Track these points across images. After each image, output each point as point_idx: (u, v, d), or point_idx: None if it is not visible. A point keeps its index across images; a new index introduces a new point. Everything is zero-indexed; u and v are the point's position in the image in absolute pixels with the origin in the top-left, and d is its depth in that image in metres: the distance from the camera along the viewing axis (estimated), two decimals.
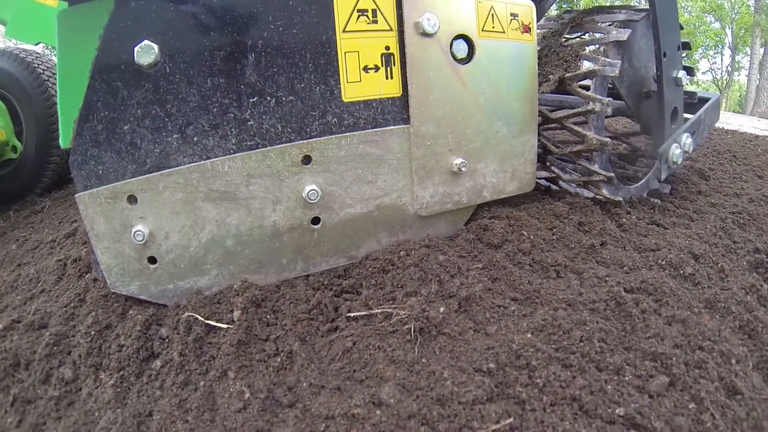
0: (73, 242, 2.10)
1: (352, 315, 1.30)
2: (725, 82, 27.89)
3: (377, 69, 1.50)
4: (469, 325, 1.22)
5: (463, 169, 1.63)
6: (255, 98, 1.38)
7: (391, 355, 1.12)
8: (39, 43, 3.09)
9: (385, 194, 1.58)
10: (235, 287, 1.41)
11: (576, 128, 1.90)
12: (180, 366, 1.21)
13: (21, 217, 2.82)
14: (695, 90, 2.59)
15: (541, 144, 2.07)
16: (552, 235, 1.67)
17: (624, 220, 1.87)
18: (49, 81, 3.05)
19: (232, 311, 1.32)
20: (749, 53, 23.07)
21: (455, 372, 1.03)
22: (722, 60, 28.88)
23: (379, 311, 1.28)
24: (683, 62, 2.07)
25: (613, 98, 2.13)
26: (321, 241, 1.53)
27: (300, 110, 1.42)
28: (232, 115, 1.37)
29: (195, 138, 1.35)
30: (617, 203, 1.97)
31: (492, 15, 1.62)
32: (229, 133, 1.37)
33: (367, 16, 1.46)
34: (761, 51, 21.10)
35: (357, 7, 1.44)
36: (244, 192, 1.40)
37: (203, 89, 1.33)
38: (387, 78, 1.51)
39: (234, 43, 1.33)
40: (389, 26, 1.49)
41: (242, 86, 1.36)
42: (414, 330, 1.17)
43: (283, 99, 1.40)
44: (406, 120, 1.55)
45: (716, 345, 1.15)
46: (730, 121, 5.69)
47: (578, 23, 2.04)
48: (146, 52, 1.25)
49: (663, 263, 1.53)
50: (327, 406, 0.99)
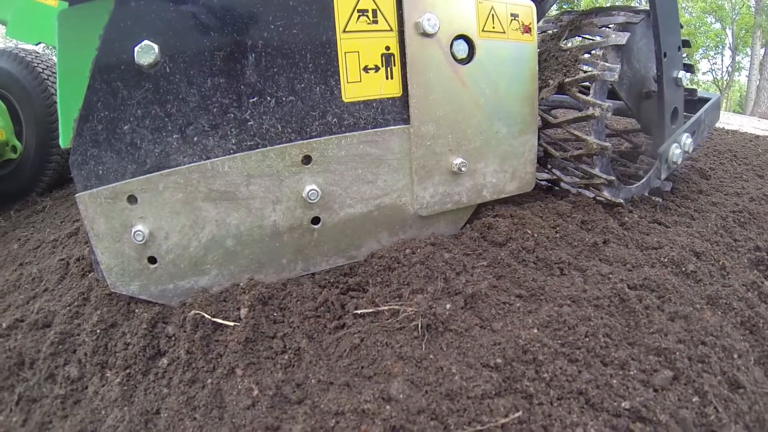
0: (76, 241, 2.10)
1: (359, 312, 1.31)
2: (725, 83, 27.88)
3: (377, 69, 1.49)
4: (476, 322, 1.23)
5: (463, 169, 1.63)
6: (255, 98, 1.38)
7: (399, 352, 1.13)
8: (39, 43, 3.09)
9: (385, 194, 1.57)
10: (242, 285, 1.41)
11: (577, 133, 1.89)
12: (187, 364, 1.21)
13: (22, 217, 2.82)
14: (695, 89, 2.59)
15: (542, 148, 2.07)
16: (555, 234, 1.68)
17: (626, 219, 1.88)
18: (49, 80, 3.05)
19: (239, 309, 1.32)
20: (749, 54, 23.06)
21: (463, 367, 1.05)
22: (722, 60, 28.91)
23: (386, 308, 1.29)
24: (683, 60, 2.07)
25: (614, 98, 2.13)
26: (321, 241, 1.53)
27: (300, 110, 1.42)
28: (232, 115, 1.37)
29: (195, 138, 1.35)
30: (618, 205, 1.97)
31: (492, 15, 1.62)
32: (229, 133, 1.37)
33: (368, 17, 1.46)
34: (762, 51, 21.10)
35: (357, 8, 1.44)
36: (244, 192, 1.40)
37: (203, 89, 1.33)
38: (387, 78, 1.51)
39: (234, 43, 1.33)
40: (389, 26, 1.49)
41: (242, 86, 1.36)
42: (421, 327, 1.19)
43: (283, 99, 1.40)
44: (406, 120, 1.55)
45: (718, 340, 1.17)
46: (731, 121, 5.70)
47: (577, 26, 2.03)
48: (146, 52, 1.25)
49: (665, 261, 1.54)
50: (336, 402, 1.00)
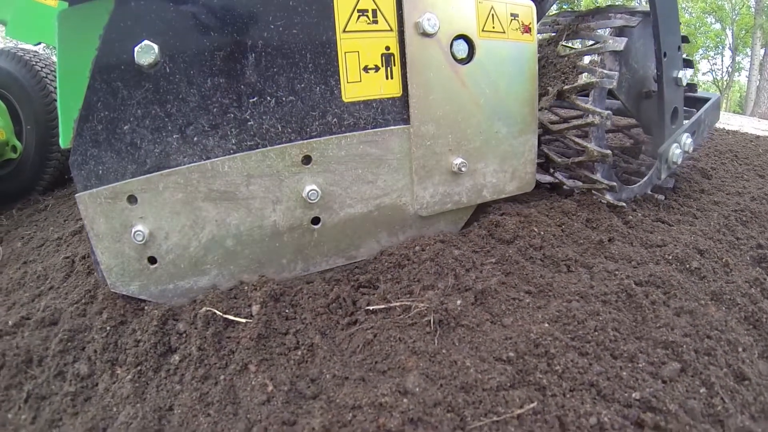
0: (80, 240, 2.09)
1: (371, 308, 1.32)
2: (725, 83, 27.89)
3: (377, 69, 1.50)
4: (486, 317, 1.26)
5: (463, 169, 1.63)
6: (255, 98, 1.38)
7: (413, 347, 1.15)
8: (39, 43, 3.09)
9: (385, 194, 1.57)
10: (253, 282, 1.42)
11: (578, 140, 1.90)
12: (199, 360, 1.22)
13: (24, 216, 2.81)
14: (695, 84, 2.58)
15: (543, 153, 2.07)
16: (561, 232, 1.71)
17: (630, 218, 1.90)
18: (48, 79, 3.04)
19: (250, 306, 1.33)
20: (749, 54, 23.07)
21: (477, 361, 1.07)
22: (722, 61, 28.91)
23: (398, 304, 1.31)
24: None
25: (614, 97, 2.13)
26: (321, 241, 1.53)
27: (300, 110, 1.42)
28: (232, 115, 1.37)
29: (195, 138, 1.35)
30: (620, 207, 1.97)
31: (492, 15, 1.62)
32: (229, 133, 1.37)
33: (368, 17, 1.46)
34: (761, 52, 21.10)
35: (357, 7, 1.44)
36: (244, 192, 1.40)
37: (203, 89, 1.33)
38: (387, 78, 1.51)
39: (234, 43, 1.33)
40: (389, 26, 1.49)
41: (242, 86, 1.36)
42: (433, 322, 1.21)
43: (283, 99, 1.40)
44: (406, 120, 1.55)
45: (723, 334, 1.20)
46: (731, 122, 5.71)
47: (574, 30, 2.02)
48: (146, 52, 1.25)
49: (669, 258, 1.57)
50: (353, 396, 1.01)
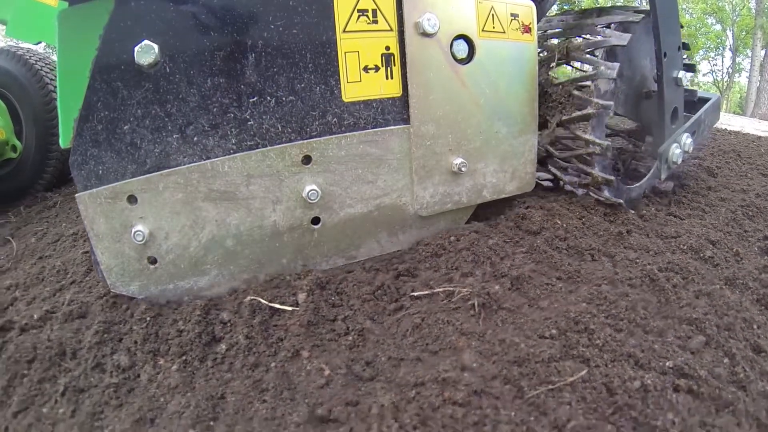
0: None
1: (416, 294, 1.38)
2: (726, 84, 27.89)
3: (377, 69, 1.50)
4: (524, 301, 1.34)
5: (463, 169, 1.63)
6: (255, 98, 1.38)
7: (460, 328, 1.21)
8: (39, 43, 3.09)
9: (385, 194, 1.57)
10: (296, 272, 1.46)
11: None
12: (247, 348, 1.24)
13: (33, 213, 2.80)
14: (695, 90, 2.58)
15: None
16: (582, 224, 1.81)
17: (644, 212, 2.00)
18: (48, 79, 3.05)
19: (295, 294, 1.36)
20: (750, 55, 23.07)
21: (524, 338, 1.16)
22: (723, 62, 28.91)
23: (441, 290, 1.37)
24: (684, 60, 2.07)
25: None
26: (321, 241, 1.53)
27: (300, 110, 1.42)
28: (232, 115, 1.37)
29: (195, 138, 1.35)
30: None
31: (492, 15, 1.62)
32: (229, 133, 1.37)
33: (368, 16, 1.46)
34: (762, 53, 21.10)
35: (357, 7, 1.44)
36: (244, 192, 1.40)
37: (203, 89, 1.33)
38: (387, 78, 1.51)
39: (234, 43, 1.33)
40: (389, 26, 1.49)
41: (242, 86, 1.36)
42: (477, 305, 1.28)
43: (283, 99, 1.40)
44: (406, 120, 1.55)
45: (739, 313, 1.32)
46: (732, 123, 5.73)
47: (565, 54, 1.98)
48: (146, 52, 1.25)
49: (684, 248, 1.69)
50: (414, 375, 1.06)
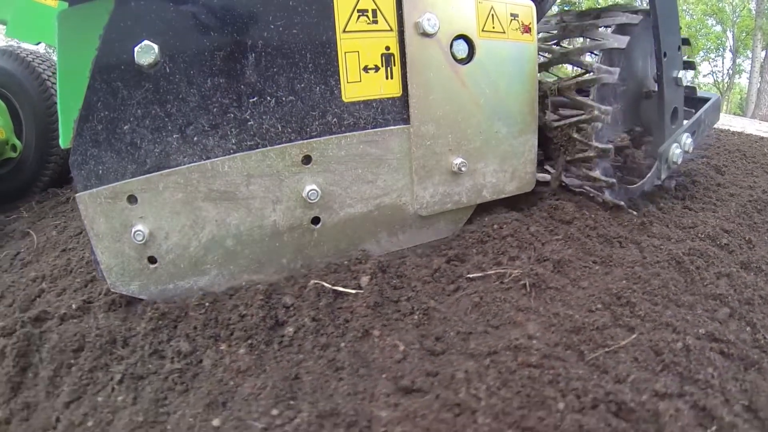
0: None
1: (471, 276, 1.48)
2: (726, 85, 27.89)
3: (377, 69, 1.50)
4: (567, 281, 1.48)
5: (463, 169, 1.63)
6: (255, 98, 1.38)
7: (516, 305, 1.33)
8: (39, 43, 3.09)
9: (385, 194, 1.57)
10: (357, 256, 1.51)
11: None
12: (315, 330, 1.27)
13: (47, 208, 2.80)
14: (695, 87, 2.58)
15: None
16: (608, 215, 1.96)
17: (662, 205, 2.17)
18: (49, 79, 3.05)
19: (358, 278, 1.42)
20: (750, 56, 23.07)
21: (575, 312, 1.30)
22: (723, 63, 28.93)
23: (493, 272, 1.48)
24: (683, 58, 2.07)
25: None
26: (321, 241, 1.53)
27: (300, 110, 1.42)
28: (232, 115, 1.37)
29: (195, 138, 1.35)
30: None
31: (492, 15, 1.62)
32: (229, 133, 1.37)
33: (367, 17, 1.46)
34: (762, 54, 21.10)
35: (357, 8, 1.44)
36: (244, 192, 1.40)
37: (203, 89, 1.33)
38: (387, 78, 1.52)
39: (234, 43, 1.34)
40: (389, 26, 1.49)
41: (242, 86, 1.36)
42: (528, 285, 1.41)
43: (283, 99, 1.40)
44: (406, 120, 1.55)
45: (756, 291, 1.49)
46: (733, 124, 5.75)
47: (556, 92, 1.99)
48: (146, 52, 1.25)
49: (702, 236, 1.86)
50: (486, 345, 1.17)
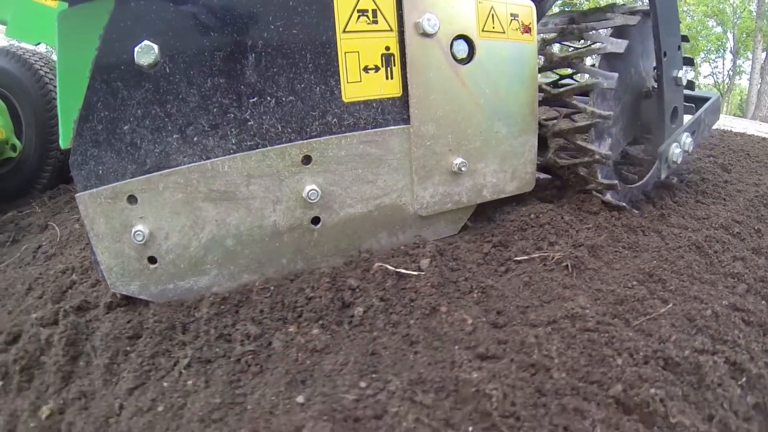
0: None
1: (518, 258, 1.64)
2: (726, 86, 27.88)
3: (377, 69, 1.50)
4: (602, 263, 1.67)
5: (463, 169, 1.63)
6: (255, 98, 1.38)
7: (562, 282, 1.50)
8: (39, 43, 3.09)
9: (385, 194, 1.57)
10: (416, 241, 1.61)
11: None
12: (385, 309, 1.35)
13: (61, 203, 2.81)
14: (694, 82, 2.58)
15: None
16: (631, 207, 2.10)
17: (677, 198, 2.33)
18: (48, 77, 3.05)
19: (418, 261, 1.51)
20: (751, 58, 23.07)
21: (615, 287, 1.49)
22: (724, 64, 28.91)
23: (537, 256, 1.64)
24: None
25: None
26: (321, 241, 1.53)
27: (300, 110, 1.42)
28: (232, 115, 1.37)
29: (195, 138, 1.35)
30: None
31: (492, 15, 1.62)
32: (229, 133, 1.37)
33: (368, 17, 1.46)
34: (763, 55, 21.08)
35: (357, 8, 1.44)
36: (244, 192, 1.40)
37: (203, 89, 1.33)
38: (387, 78, 1.52)
39: (234, 44, 1.34)
40: (389, 26, 1.49)
41: (242, 86, 1.36)
42: (570, 266, 1.58)
43: (283, 99, 1.40)
44: (406, 120, 1.55)
45: (767, 273, 1.69)
46: (735, 125, 5.78)
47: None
48: (146, 53, 1.25)
49: (716, 226, 2.00)
50: (545, 316, 1.31)
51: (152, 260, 1.38)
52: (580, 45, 2.17)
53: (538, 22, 1.77)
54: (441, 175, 1.63)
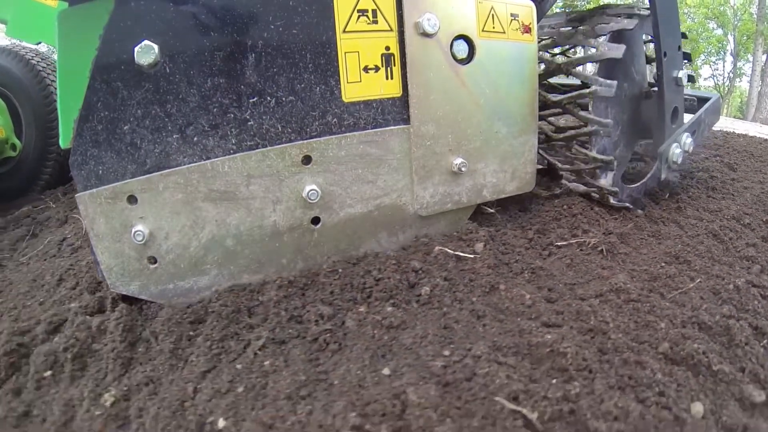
0: None
1: (559, 244, 1.81)
2: (727, 88, 27.89)
3: (377, 69, 1.50)
4: (631, 249, 1.86)
5: (463, 169, 1.63)
6: (255, 98, 1.38)
7: (600, 264, 1.69)
8: (39, 43, 3.10)
9: (385, 194, 1.57)
10: (468, 227, 1.71)
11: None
12: (449, 288, 1.44)
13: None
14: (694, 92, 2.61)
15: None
16: (648, 200, 2.31)
17: (690, 193, 2.50)
18: (49, 78, 3.05)
19: (472, 245, 1.62)
20: (751, 60, 23.07)
21: (648, 267, 1.67)
22: (724, 66, 28.92)
23: (574, 241, 1.81)
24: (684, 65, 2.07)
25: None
26: (321, 241, 1.52)
27: (300, 110, 1.42)
28: (232, 116, 1.37)
29: (195, 138, 1.35)
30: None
31: (492, 15, 1.62)
32: (229, 133, 1.37)
33: (368, 17, 1.46)
34: (763, 58, 21.10)
35: (357, 8, 1.44)
36: (244, 192, 1.40)
37: (203, 89, 1.33)
38: (387, 78, 1.52)
39: (234, 44, 1.34)
40: (389, 26, 1.49)
41: (242, 86, 1.36)
42: (604, 251, 1.77)
43: (283, 99, 1.40)
44: (406, 120, 1.55)
45: None
46: (736, 127, 5.81)
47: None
48: (146, 52, 1.25)
49: (728, 217, 2.15)
50: (592, 290, 1.50)
51: (152, 260, 1.38)
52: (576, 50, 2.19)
53: (538, 23, 1.76)
54: (441, 175, 1.63)
